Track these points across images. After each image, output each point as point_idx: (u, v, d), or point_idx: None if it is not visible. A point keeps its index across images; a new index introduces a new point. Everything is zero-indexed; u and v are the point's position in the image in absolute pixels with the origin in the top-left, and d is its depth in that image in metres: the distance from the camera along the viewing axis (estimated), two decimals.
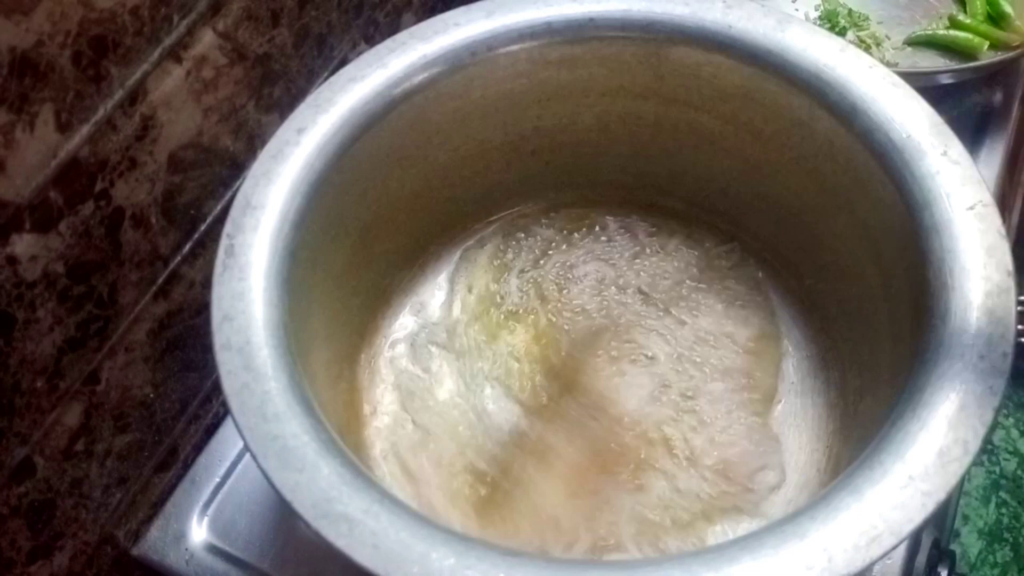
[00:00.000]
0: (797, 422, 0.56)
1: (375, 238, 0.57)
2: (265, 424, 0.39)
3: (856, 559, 0.34)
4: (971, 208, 0.43)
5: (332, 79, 0.50)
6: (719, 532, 0.52)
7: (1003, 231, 0.43)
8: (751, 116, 0.55)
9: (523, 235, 0.64)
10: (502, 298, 0.62)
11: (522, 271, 0.63)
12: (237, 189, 0.54)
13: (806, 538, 0.35)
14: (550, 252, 0.64)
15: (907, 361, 0.42)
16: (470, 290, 0.62)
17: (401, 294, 0.62)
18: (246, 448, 0.39)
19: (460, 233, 0.65)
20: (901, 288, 0.46)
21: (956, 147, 0.46)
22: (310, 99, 0.50)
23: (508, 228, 0.65)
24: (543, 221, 0.65)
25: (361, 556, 0.35)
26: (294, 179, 0.47)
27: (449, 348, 0.60)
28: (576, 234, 0.64)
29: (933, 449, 0.37)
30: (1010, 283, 0.41)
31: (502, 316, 0.61)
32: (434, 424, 0.57)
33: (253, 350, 0.41)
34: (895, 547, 0.35)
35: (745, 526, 0.52)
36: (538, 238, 0.64)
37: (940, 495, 0.36)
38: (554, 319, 0.60)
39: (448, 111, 0.55)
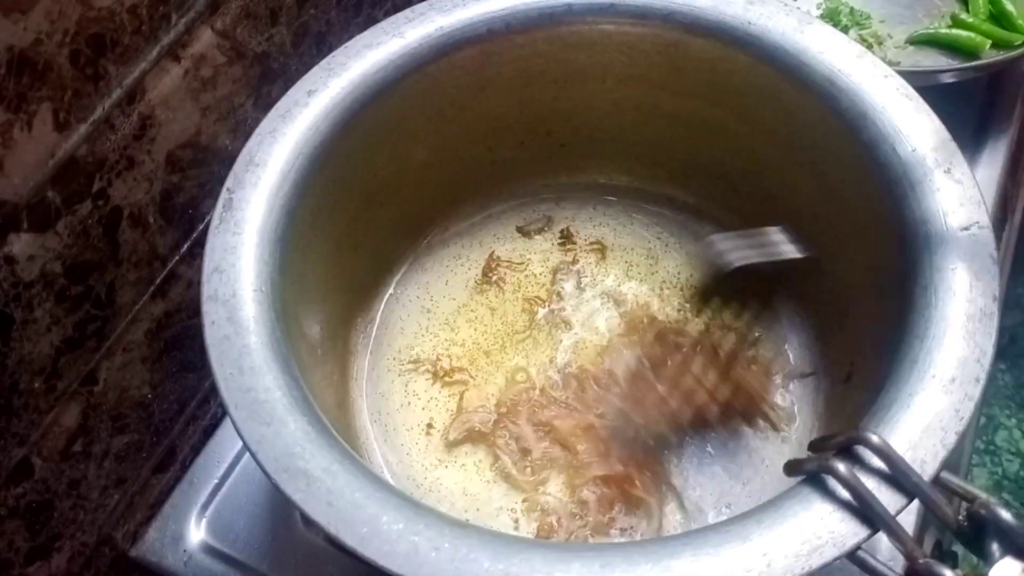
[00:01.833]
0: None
1: (380, 205, 0.57)
2: (240, 376, 0.40)
3: (795, 566, 0.34)
4: (966, 229, 0.43)
5: (347, 44, 0.51)
6: None
7: (995, 255, 0.42)
8: (765, 115, 0.54)
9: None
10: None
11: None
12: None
13: (748, 540, 0.35)
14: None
15: (885, 377, 0.42)
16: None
17: (403, 264, 0.63)
18: (219, 397, 0.39)
19: (468, 207, 0.64)
20: (891, 303, 0.45)
21: (960, 166, 0.45)
22: (323, 63, 0.50)
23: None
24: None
25: (315, 512, 0.36)
26: (299, 139, 0.47)
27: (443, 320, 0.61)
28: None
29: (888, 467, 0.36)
30: (994, 308, 0.41)
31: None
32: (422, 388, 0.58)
33: (239, 303, 0.42)
34: (837, 559, 0.34)
35: None
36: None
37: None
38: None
39: (462, 85, 0.54)
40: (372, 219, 0.57)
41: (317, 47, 0.59)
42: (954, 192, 0.44)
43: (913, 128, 0.47)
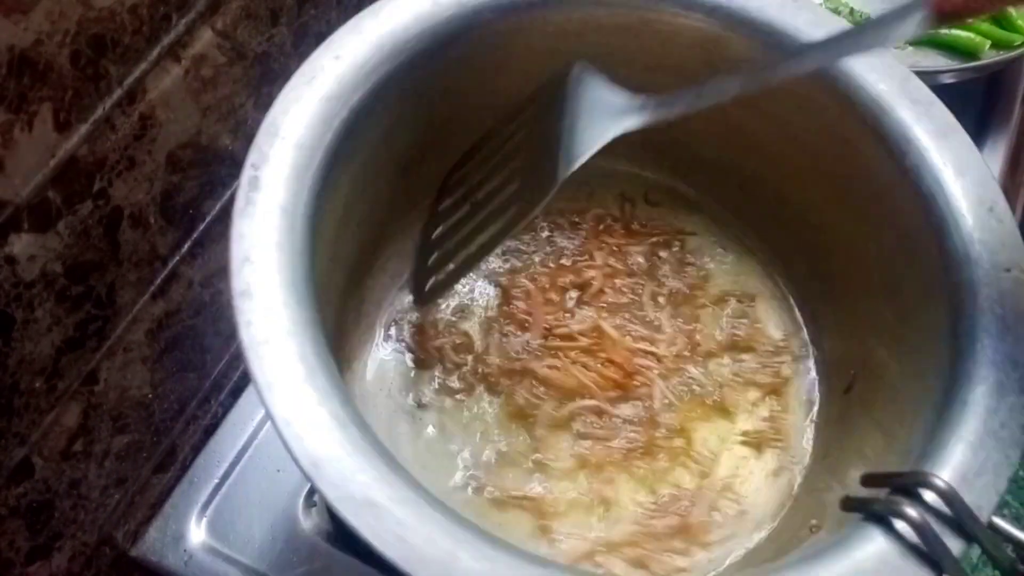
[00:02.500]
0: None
1: (416, 175, 0.55)
2: (286, 387, 0.36)
3: None
4: (1008, 271, 0.43)
5: (373, 6, 0.48)
6: None
7: None
8: (796, 122, 0.53)
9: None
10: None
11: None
12: (236, 188, 0.53)
13: None
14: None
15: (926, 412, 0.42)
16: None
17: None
18: (266, 413, 0.35)
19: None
20: (918, 341, 0.45)
21: (1001, 202, 0.45)
22: (349, 24, 0.47)
23: None
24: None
25: (386, 547, 0.33)
26: (326, 110, 0.43)
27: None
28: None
29: None
30: None
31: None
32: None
33: (276, 302, 0.37)
34: None
35: None
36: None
37: None
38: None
39: (489, 57, 0.52)
40: (409, 195, 0.54)
41: (317, 47, 0.59)
42: (996, 232, 0.44)
43: (957, 161, 0.46)
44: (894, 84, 0.48)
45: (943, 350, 0.43)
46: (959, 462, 0.38)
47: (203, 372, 0.58)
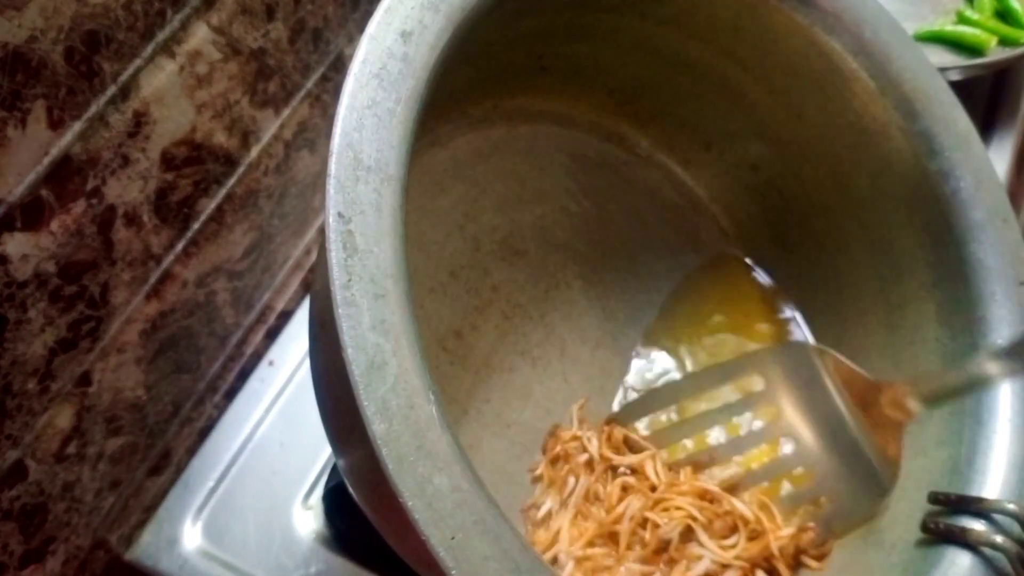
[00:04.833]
0: None
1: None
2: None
3: None
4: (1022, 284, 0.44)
5: None
6: None
7: None
8: (809, 101, 0.50)
9: None
10: None
11: None
12: (231, 187, 0.53)
13: None
14: None
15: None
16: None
17: None
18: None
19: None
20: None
21: (1011, 215, 0.45)
22: None
23: None
24: None
25: None
26: (409, 116, 0.32)
27: None
28: None
29: None
30: None
31: None
32: None
33: (422, 422, 0.28)
34: None
35: None
36: None
37: None
38: None
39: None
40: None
41: (314, 43, 0.58)
42: (1009, 244, 0.44)
43: (976, 170, 0.46)
44: (923, 81, 0.48)
45: (971, 362, 0.43)
46: (1014, 481, 0.39)
47: (198, 373, 0.58)
